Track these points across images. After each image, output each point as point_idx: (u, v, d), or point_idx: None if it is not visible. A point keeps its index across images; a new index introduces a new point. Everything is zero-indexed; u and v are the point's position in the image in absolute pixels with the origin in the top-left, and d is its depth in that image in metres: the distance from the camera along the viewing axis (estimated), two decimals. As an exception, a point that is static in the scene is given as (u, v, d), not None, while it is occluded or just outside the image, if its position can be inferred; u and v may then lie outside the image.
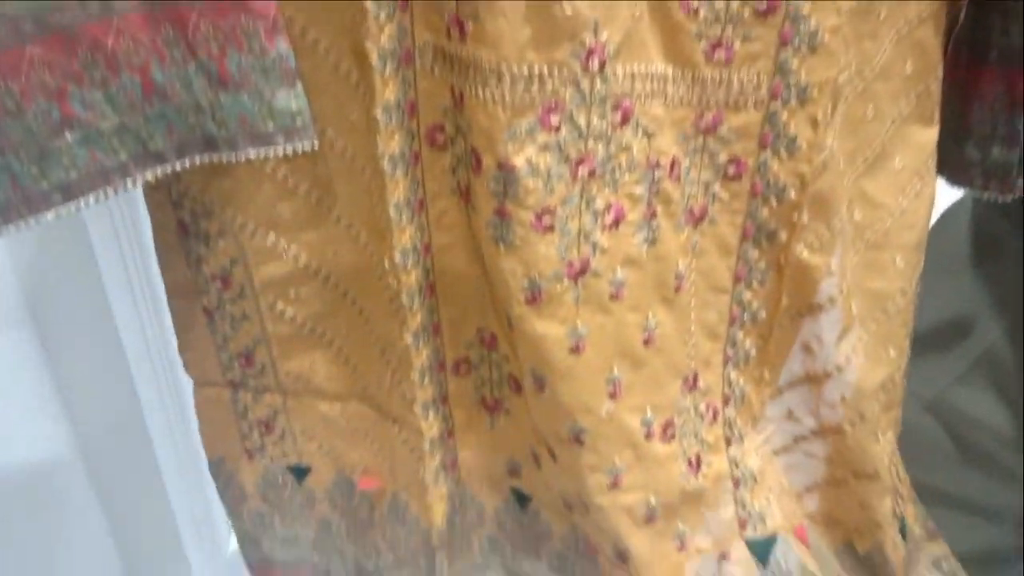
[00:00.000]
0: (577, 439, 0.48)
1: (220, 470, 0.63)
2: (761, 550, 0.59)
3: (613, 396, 0.48)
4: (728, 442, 0.56)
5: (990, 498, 0.70)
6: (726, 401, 0.55)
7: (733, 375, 0.54)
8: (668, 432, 0.52)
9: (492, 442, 0.57)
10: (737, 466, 0.57)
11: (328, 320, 0.54)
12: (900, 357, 0.54)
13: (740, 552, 0.58)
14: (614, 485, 0.51)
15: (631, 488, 0.51)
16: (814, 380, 0.54)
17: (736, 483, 0.57)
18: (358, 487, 0.59)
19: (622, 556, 0.52)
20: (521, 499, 0.60)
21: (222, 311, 0.54)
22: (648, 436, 0.51)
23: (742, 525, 0.58)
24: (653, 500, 0.53)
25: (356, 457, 0.60)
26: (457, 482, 0.58)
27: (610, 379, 0.48)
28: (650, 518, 0.53)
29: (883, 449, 0.55)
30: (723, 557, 0.58)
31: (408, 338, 0.49)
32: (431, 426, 0.54)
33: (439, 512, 0.56)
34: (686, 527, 0.56)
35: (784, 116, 0.44)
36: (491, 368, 0.54)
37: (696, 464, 0.55)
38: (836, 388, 0.54)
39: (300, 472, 0.62)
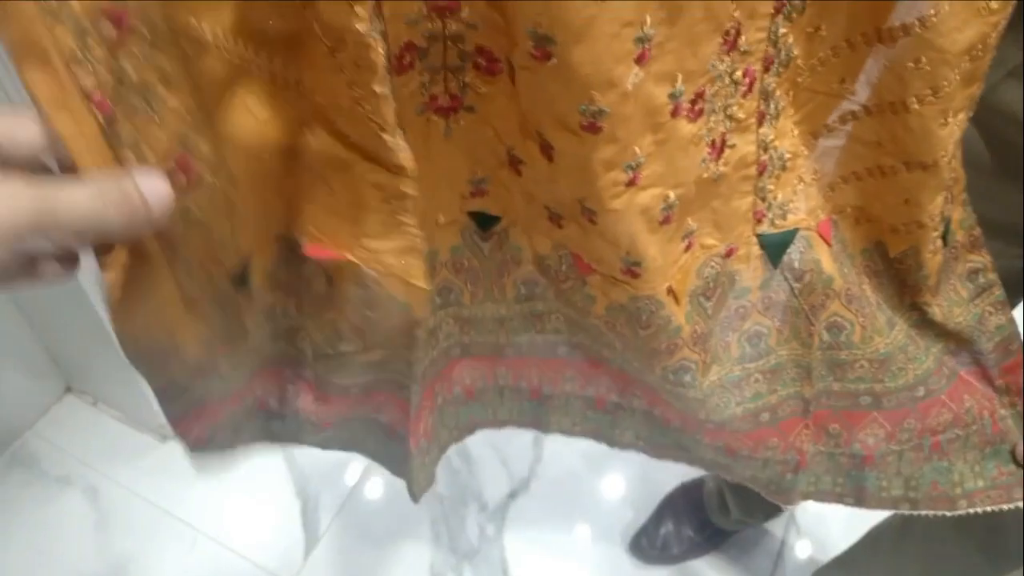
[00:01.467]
0: (592, 125, 0.35)
1: None
2: (774, 247, 0.50)
3: (640, 60, 0.34)
4: (761, 118, 0.44)
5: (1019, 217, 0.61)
6: (767, 64, 0.42)
7: (783, 29, 0.40)
8: (697, 106, 0.39)
9: (447, 158, 0.43)
10: (765, 149, 0.45)
11: None
12: (1004, 6, 0.40)
13: (749, 248, 0.49)
14: (631, 183, 0.39)
15: (649, 183, 0.40)
16: (886, 37, 0.41)
17: (761, 169, 0.46)
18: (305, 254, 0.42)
19: (632, 268, 0.42)
20: (484, 222, 0.48)
21: None
22: (674, 112, 0.38)
23: (758, 219, 0.48)
24: (672, 196, 0.42)
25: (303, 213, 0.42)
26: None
27: (640, 36, 0.34)
28: (666, 219, 0.42)
29: (949, 135, 0.43)
30: (730, 253, 0.49)
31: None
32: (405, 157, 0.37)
33: (422, 284, 0.41)
34: (695, 223, 0.46)
35: None
36: (445, 48, 0.37)
37: (719, 147, 0.43)
38: (913, 49, 0.41)
39: None
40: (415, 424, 0.53)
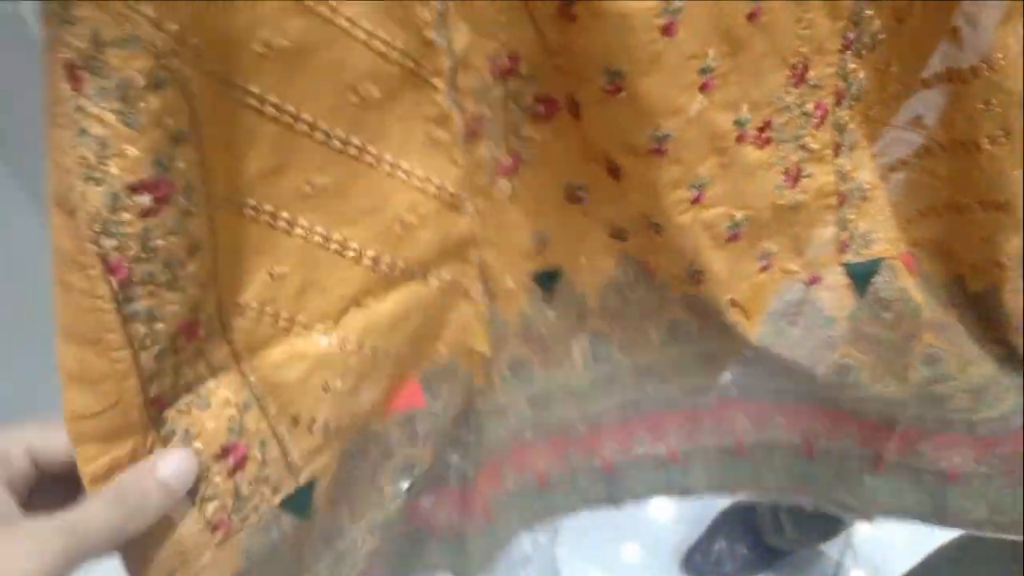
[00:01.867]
0: (658, 149, 0.40)
1: None
2: (860, 275, 0.52)
3: (705, 89, 0.39)
4: (836, 150, 0.47)
5: None
6: (839, 98, 0.45)
7: (852, 64, 0.44)
8: (764, 135, 0.44)
9: (514, 219, 0.45)
10: (844, 179, 0.48)
11: None
12: (1076, 49, 0.42)
13: (835, 277, 0.52)
14: (696, 200, 0.43)
15: (714, 202, 0.44)
16: (956, 78, 0.44)
17: (841, 199, 0.49)
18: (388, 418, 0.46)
19: (696, 276, 0.46)
20: (546, 281, 0.50)
21: None
22: (740, 139, 0.43)
23: (841, 248, 0.51)
24: (738, 216, 0.46)
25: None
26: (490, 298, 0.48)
27: (704, 68, 0.39)
28: (733, 236, 0.46)
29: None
30: (814, 281, 0.51)
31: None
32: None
33: (485, 350, 0.47)
34: (774, 246, 0.49)
35: None
36: (506, 110, 0.41)
37: (795, 175, 0.47)
38: (982, 91, 0.43)
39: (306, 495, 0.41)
40: (469, 502, 0.53)
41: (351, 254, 0.40)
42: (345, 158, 0.37)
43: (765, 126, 0.43)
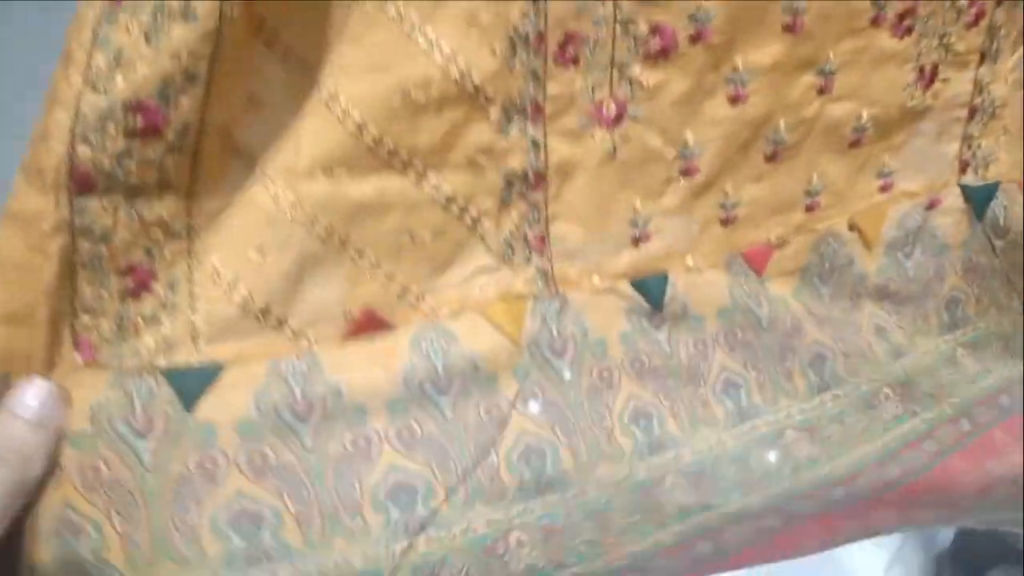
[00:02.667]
0: (791, 24, 0.37)
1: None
2: (979, 199, 0.48)
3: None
4: (982, 57, 0.43)
5: None
6: (997, -1, 0.41)
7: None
8: (905, 23, 0.39)
9: (610, 188, 0.38)
10: (980, 91, 0.44)
11: None
12: None
13: (953, 200, 0.48)
14: (823, 90, 0.40)
15: (842, 94, 0.40)
16: None
17: (971, 113, 0.45)
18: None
19: (815, 200, 0.43)
20: (652, 290, 0.40)
21: None
22: (876, 22, 0.39)
23: (963, 167, 0.47)
24: (865, 115, 0.42)
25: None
26: (547, 280, 0.40)
27: None
28: (856, 141, 0.42)
29: None
30: (933, 204, 0.47)
31: None
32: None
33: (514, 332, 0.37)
34: (896, 162, 0.45)
35: None
36: (614, 37, 0.35)
37: (929, 77, 0.43)
38: None
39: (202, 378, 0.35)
40: None
41: (338, 110, 0.33)
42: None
43: (907, 13, 0.39)
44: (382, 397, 0.35)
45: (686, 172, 0.39)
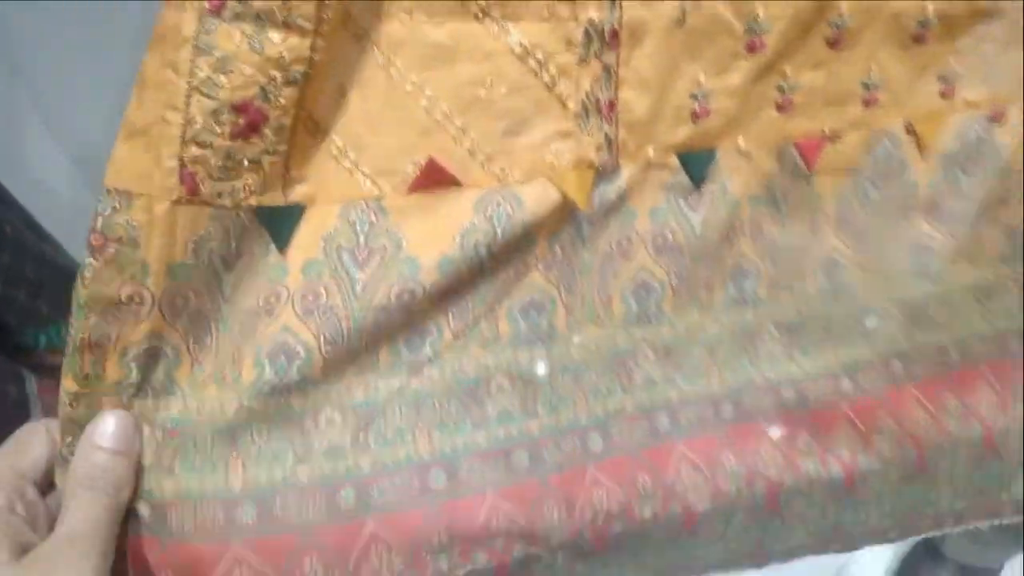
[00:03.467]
0: None
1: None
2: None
3: None
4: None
5: None
6: None
7: None
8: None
9: (676, 57, 0.39)
10: (1053, -5, 0.43)
11: None
12: None
13: (1019, 117, 0.47)
14: None
15: None
16: None
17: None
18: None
19: (872, 95, 0.43)
20: (696, 165, 0.41)
21: None
22: None
23: (1033, 84, 0.46)
24: (930, 9, 0.41)
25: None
26: (611, 148, 0.40)
27: None
28: (919, 37, 0.42)
29: None
30: (996, 118, 0.46)
31: None
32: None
33: (582, 200, 0.39)
34: (959, 66, 0.44)
35: None
36: None
37: (1001, -25, 0.42)
38: None
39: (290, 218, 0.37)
40: None
41: None
42: None
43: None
44: (436, 254, 0.36)
45: (751, 48, 0.40)
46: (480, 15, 0.36)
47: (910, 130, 0.44)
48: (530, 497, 0.36)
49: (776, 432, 0.40)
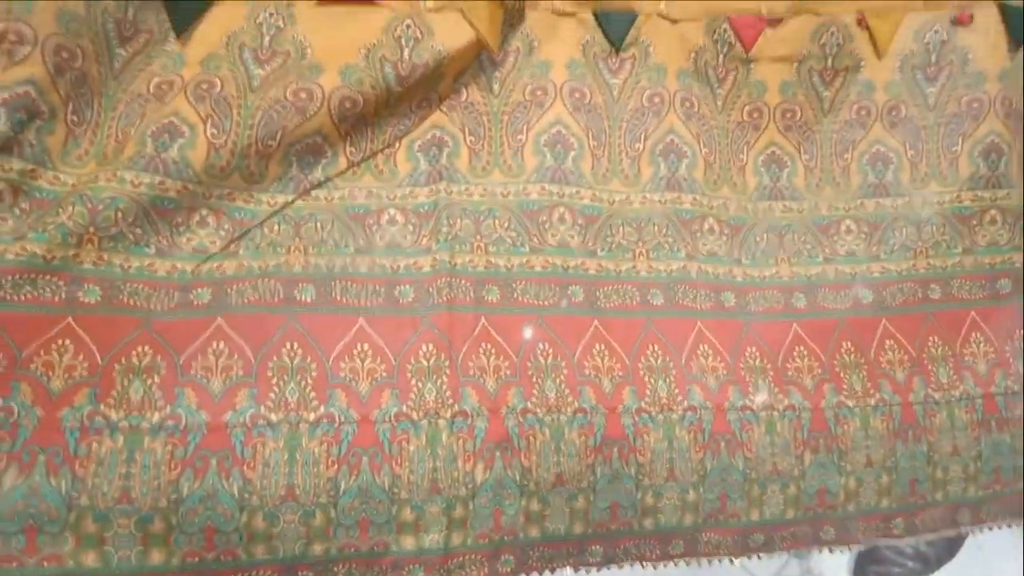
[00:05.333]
0: None
1: None
2: (1018, 19, 0.45)
3: None
4: None
5: None
6: None
7: None
8: None
9: None
10: None
11: None
12: None
13: (988, 18, 0.45)
14: None
15: None
16: None
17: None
18: None
19: None
20: (616, 28, 0.41)
21: None
22: None
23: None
24: None
25: None
26: None
27: None
28: None
29: None
30: (963, 20, 0.45)
31: None
32: None
33: (492, 35, 0.39)
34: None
35: None
36: None
37: None
38: None
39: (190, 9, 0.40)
40: None
41: None
42: None
43: None
44: (339, 62, 0.38)
45: None
46: None
47: (862, 23, 0.43)
48: (407, 331, 0.37)
49: None
